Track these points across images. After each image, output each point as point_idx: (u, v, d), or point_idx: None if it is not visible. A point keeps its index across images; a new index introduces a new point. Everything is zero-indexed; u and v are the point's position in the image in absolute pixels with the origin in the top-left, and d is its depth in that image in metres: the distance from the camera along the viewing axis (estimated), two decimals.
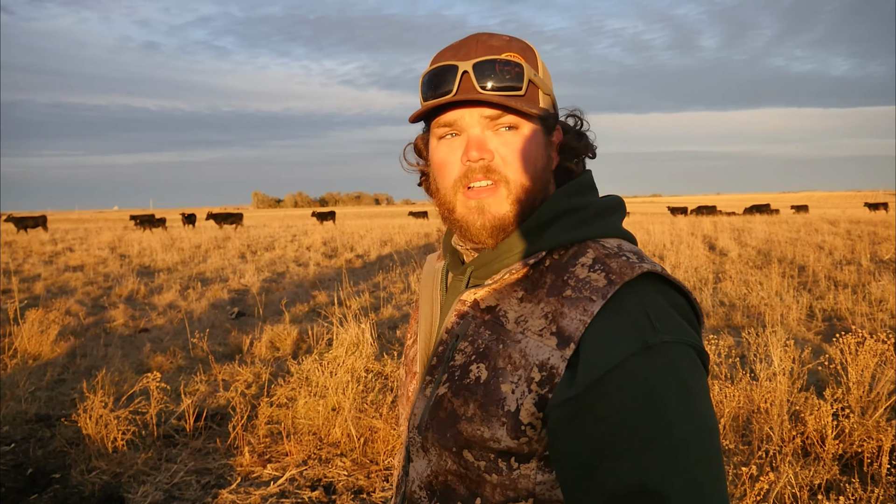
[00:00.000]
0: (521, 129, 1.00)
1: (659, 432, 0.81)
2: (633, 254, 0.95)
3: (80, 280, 13.41)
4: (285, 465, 4.31)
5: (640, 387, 0.83)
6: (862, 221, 27.07)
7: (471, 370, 0.97)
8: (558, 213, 1.00)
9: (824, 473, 3.76)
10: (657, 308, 0.89)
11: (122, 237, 27.49)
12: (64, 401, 5.56)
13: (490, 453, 0.94)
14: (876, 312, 8.11)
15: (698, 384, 0.87)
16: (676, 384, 0.84)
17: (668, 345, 0.86)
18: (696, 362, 0.88)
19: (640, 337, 0.86)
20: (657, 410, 0.82)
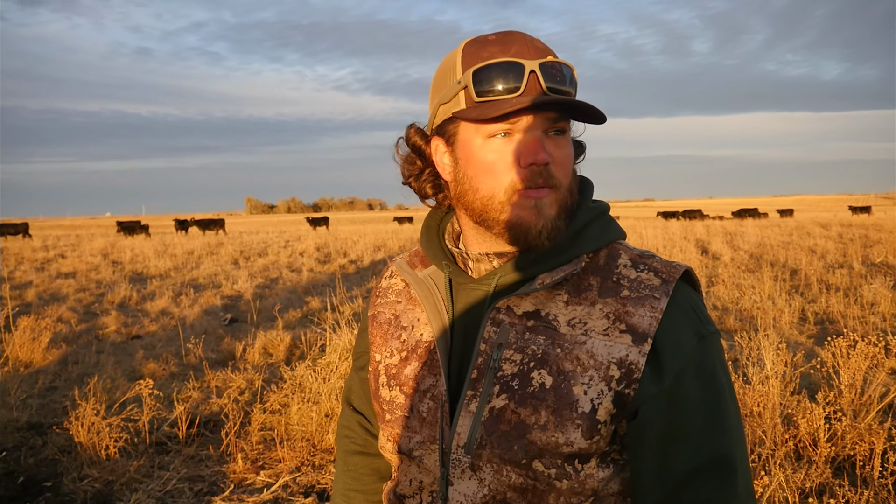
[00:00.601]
0: (567, 133, 1.02)
1: (722, 411, 0.95)
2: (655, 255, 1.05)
3: (72, 287, 13.36)
4: (279, 471, 4.30)
5: (703, 373, 0.95)
6: (854, 225, 27.20)
7: (532, 377, 0.96)
8: (591, 217, 1.03)
9: (816, 476, 3.77)
10: (696, 302, 1.00)
11: (114, 244, 27.40)
12: (56, 408, 5.54)
13: (559, 458, 0.94)
14: (868, 316, 8.14)
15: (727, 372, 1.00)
16: (724, 368, 0.98)
17: (713, 335, 0.98)
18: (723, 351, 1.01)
19: (695, 329, 0.96)
20: (719, 393, 0.95)
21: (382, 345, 1.17)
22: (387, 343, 1.17)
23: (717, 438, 0.94)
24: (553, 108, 0.97)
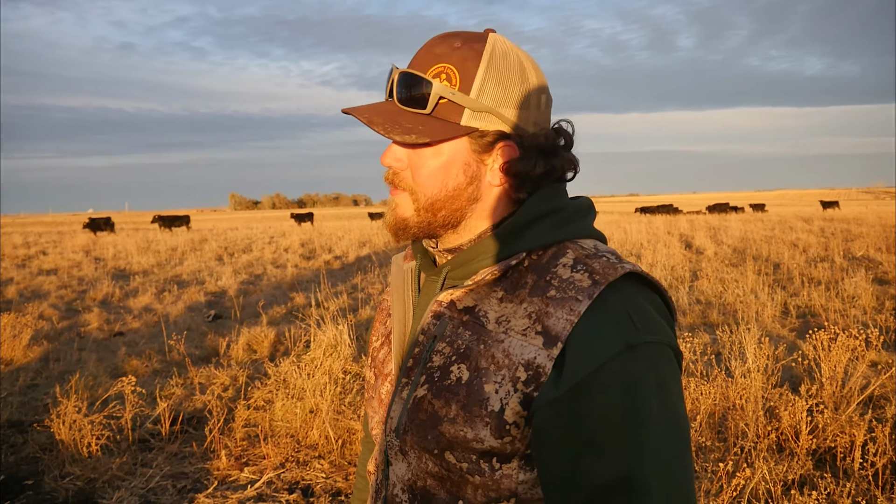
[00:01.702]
0: (436, 145, 1.01)
1: (640, 429, 0.85)
2: (612, 254, 0.96)
3: (54, 284, 13.24)
4: (263, 468, 4.28)
5: (622, 386, 0.86)
6: (836, 219, 27.43)
7: (451, 371, 0.97)
8: (536, 216, 1.00)
9: (798, 469, 3.80)
10: (638, 308, 0.91)
11: (96, 240, 27.17)
12: (37, 406, 5.49)
13: (472, 454, 0.94)
14: (849, 309, 8.21)
15: (675, 383, 0.90)
16: (656, 383, 0.87)
17: (649, 345, 0.88)
18: (674, 362, 0.92)
19: (623, 337, 0.87)
20: (638, 409, 0.85)
21: (375, 331, 1.24)
22: (377, 329, 1.23)
23: (629, 460, 0.84)
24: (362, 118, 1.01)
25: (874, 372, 5.51)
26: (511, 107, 1.00)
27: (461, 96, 0.97)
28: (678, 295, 9.44)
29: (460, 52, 0.99)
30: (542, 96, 1.02)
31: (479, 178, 1.02)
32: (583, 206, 1.04)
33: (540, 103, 1.02)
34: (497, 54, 0.99)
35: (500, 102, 0.99)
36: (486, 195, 1.03)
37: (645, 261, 13.09)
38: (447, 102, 0.98)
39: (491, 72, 0.98)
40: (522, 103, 1.00)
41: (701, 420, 4.32)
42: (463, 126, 0.99)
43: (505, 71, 0.99)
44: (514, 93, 1.00)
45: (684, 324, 8.00)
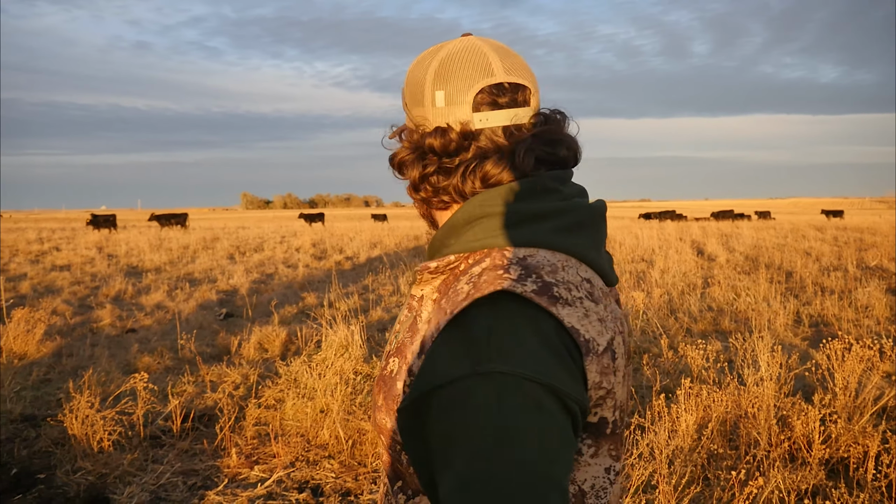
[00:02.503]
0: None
1: (459, 462, 0.78)
2: (524, 268, 0.90)
3: (67, 280, 13.33)
4: (273, 466, 4.29)
5: (457, 412, 0.80)
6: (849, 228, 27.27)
7: (389, 362, 0.99)
8: (472, 217, 0.97)
9: (811, 478, 3.78)
10: (505, 333, 0.83)
11: (109, 237, 27.33)
12: (49, 401, 5.52)
13: (397, 444, 0.95)
14: (862, 318, 8.16)
15: (522, 423, 0.78)
16: (490, 419, 0.78)
17: (500, 375, 0.79)
18: (532, 399, 0.79)
19: (472, 361, 0.81)
20: (463, 441, 0.79)
21: None
22: None
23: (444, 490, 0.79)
24: None
25: (888, 383, 5.47)
26: (414, 105, 1.06)
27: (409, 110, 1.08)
28: (690, 301, 9.40)
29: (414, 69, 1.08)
30: (436, 94, 1.02)
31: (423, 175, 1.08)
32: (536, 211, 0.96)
33: (434, 100, 1.02)
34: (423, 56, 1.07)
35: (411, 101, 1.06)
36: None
37: (657, 267, 13.05)
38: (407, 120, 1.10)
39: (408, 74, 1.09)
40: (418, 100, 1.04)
41: (713, 428, 4.30)
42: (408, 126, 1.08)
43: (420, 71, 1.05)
44: (416, 92, 1.05)
45: (696, 331, 7.96)
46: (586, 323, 0.88)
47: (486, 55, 1.02)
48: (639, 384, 5.73)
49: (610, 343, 0.90)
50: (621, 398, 0.94)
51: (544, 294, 0.86)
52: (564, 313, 0.86)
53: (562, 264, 0.92)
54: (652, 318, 8.18)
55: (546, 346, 0.84)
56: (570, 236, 0.95)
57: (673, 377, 5.80)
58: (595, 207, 1.01)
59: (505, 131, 1.00)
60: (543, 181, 0.98)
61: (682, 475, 3.76)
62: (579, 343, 0.86)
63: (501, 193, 0.97)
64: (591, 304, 0.91)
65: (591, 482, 0.93)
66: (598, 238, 1.01)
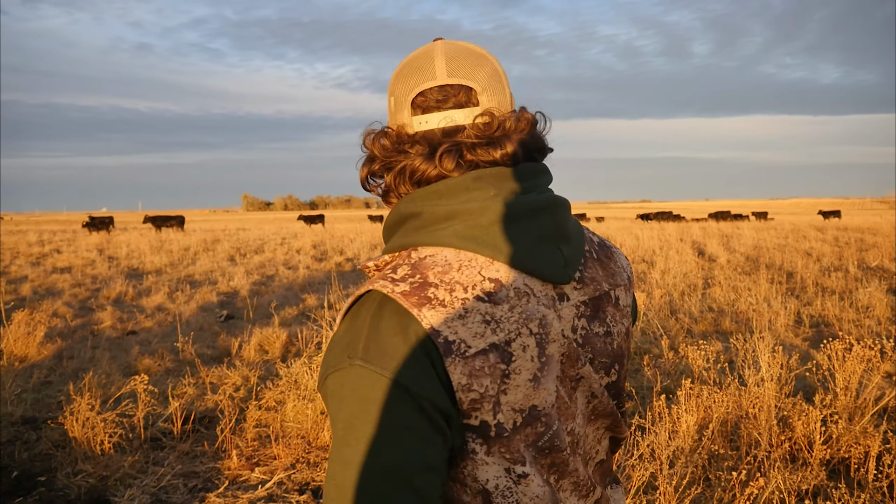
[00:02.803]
0: None
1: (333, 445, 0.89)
2: (413, 268, 0.95)
3: (68, 282, 13.33)
4: (273, 468, 4.29)
5: (334, 401, 0.89)
6: (849, 228, 27.26)
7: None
8: (398, 219, 1.03)
9: (812, 479, 3.78)
10: (370, 328, 0.90)
11: (109, 239, 27.34)
12: (50, 403, 5.52)
13: None
14: (863, 319, 8.15)
15: (368, 416, 0.86)
16: (347, 410, 0.87)
17: (357, 368, 0.88)
18: (379, 393, 0.86)
19: (347, 355, 0.89)
20: (335, 427, 0.88)
21: None
22: None
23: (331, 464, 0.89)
24: None
25: (889, 383, 5.47)
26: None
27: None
28: (691, 302, 9.39)
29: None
30: (390, 99, 1.08)
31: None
32: (445, 212, 0.98)
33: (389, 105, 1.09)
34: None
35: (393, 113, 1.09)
36: None
37: (657, 267, 13.04)
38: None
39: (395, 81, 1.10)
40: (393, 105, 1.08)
41: (713, 428, 4.29)
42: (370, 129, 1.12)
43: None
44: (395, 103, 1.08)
45: (697, 331, 7.96)
46: (456, 325, 0.89)
47: (433, 60, 1.04)
48: (639, 385, 5.73)
49: (498, 345, 0.91)
50: (522, 401, 0.94)
51: (415, 295, 0.91)
52: (428, 315, 0.89)
53: (460, 264, 0.94)
54: (653, 318, 8.17)
55: (404, 344, 0.88)
56: (483, 235, 0.96)
57: (674, 378, 5.79)
58: (531, 203, 0.99)
59: (444, 132, 1.02)
60: (465, 181, 0.98)
61: (682, 476, 3.76)
62: (438, 345, 0.88)
63: (421, 195, 1.00)
64: (481, 305, 0.92)
65: (493, 482, 0.94)
66: (534, 234, 0.98)
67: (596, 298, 1.07)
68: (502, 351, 0.91)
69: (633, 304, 1.20)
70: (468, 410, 0.90)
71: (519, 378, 0.92)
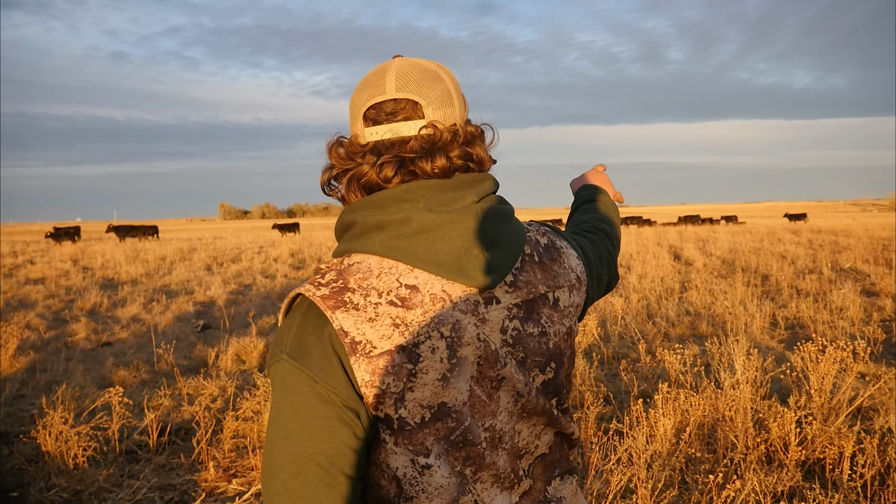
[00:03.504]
0: None
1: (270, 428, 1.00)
2: (338, 273, 1.04)
3: (41, 293, 13.16)
4: (251, 479, 4.25)
5: (271, 387, 1.02)
6: (823, 231, 27.61)
7: None
8: (341, 227, 1.12)
9: (787, 480, 3.81)
10: (294, 326, 1.02)
11: (84, 249, 27.03)
12: (23, 417, 5.44)
13: None
14: (837, 320, 8.26)
15: (286, 404, 0.99)
16: (275, 397, 1.00)
17: (283, 361, 1.00)
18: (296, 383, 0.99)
19: (280, 349, 1.01)
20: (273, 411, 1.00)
21: None
22: None
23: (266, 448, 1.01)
24: None
25: (862, 383, 5.54)
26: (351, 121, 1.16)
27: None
28: (668, 306, 9.46)
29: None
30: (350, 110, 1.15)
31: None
32: (373, 223, 1.05)
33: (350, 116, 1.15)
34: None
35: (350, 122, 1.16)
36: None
37: (635, 272, 13.12)
38: None
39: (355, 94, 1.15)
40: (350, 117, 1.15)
41: (690, 431, 4.32)
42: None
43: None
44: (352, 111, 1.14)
45: (674, 335, 8.02)
46: (365, 327, 0.99)
47: (385, 76, 1.11)
48: (617, 389, 5.75)
49: (405, 347, 0.99)
50: (430, 398, 1.01)
51: (332, 299, 1.00)
52: (341, 317, 0.99)
53: (380, 271, 1.03)
54: (630, 323, 8.22)
55: (318, 343, 0.99)
56: (404, 244, 1.03)
57: (651, 382, 5.83)
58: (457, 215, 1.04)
59: (391, 143, 1.09)
60: (397, 193, 1.06)
61: (660, 479, 3.78)
62: (344, 344, 0.98)
63: (359, 206, 1.08)
64: (392, 310, 1.00)
65: (402, 470, 1.03)
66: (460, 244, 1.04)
67: (530, 301, 1.12)
68: (410, 352, 0.99)
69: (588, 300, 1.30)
70: (374, 404, 0.99)
71: (426, 377, 1.00)
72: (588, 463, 4.03)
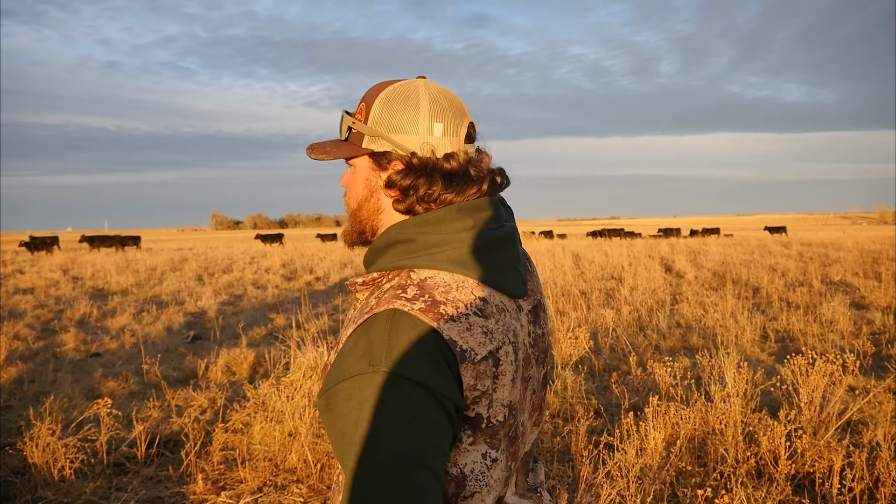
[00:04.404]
0: (353, 165, 1.27)
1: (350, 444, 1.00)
2: (420, 289, 1.09)
3: (31, 303, 13.07)
4: (240, 492, 4.22)
5: (353, 402, 1.00)
6: (813, 244, 27.74)
7: (330, 357, 1.15)
8: (390, 242, 1.17)
9: (777, 494, 3.81)
10: (392, 340, 1.03)
11: (74, 259, 26.89)
12: (10, 428, 5.39)
13: None
14: (827, 333, 8.28)
15: (397, 413, 0.99)
16: (371, 407, 0.99)
17: (382, 374, 1.00)
18: (406, 393, 1.00)
19: (367, 362, 1.02)
20: (355, 426, 0.99)
21: None
22: None
23: (347, 463, 1.00)
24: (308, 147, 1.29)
25: (852, 397, 5.55)
26: (400, 132, 1.18)
27: (360, 125, 1.21)
28: (658, 318, 9.48)
29: (373, 91, 1.23)
30: (434, 125, 1.18)
31: (377, 191, 1.23)
32: (436, 241, 1.13)
33: (432, 130, 1.18)
34: (396, 91, 1.20)
35: (389, 128, 1.19)
36: (386, 206, 1.23)
37: (626, 284, 13.15)
38: (355, 131, 1.23)
39: (384, 105, 1.19)
40: (410, 129, 1.18)
41: (681, 445, 4.32)
42: (363, 147, 1.21)
43: (397, 104, 1.19)
44: (402, 121, 1.18)
45: (665, 347, 8.02)
46: (467, 336, 1.06)
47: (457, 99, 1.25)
48: (608, 402, 5.75)
49: (493, 352, 1.09)
50: (507, 398, 1.12)
51: (430, 312, 1.05)
52: (445, 328, 1.05)
53: (457, 285, 1.11)
54: (621, 335, 8.23)
55: (426, 353, 1.02)
56: (470, 261, 1.13)
57: (642, 395, 5.83)
58: (498, 234, 1.18)
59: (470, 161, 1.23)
60: (450, 213, 1.16)
61: (650, 493, 3.77)
62: (455, 352, 1.04)
63: (413, 223, 1.17)
64: (479, 320, 1.09)
65: (470, 466, 1.10)
66: (500, 260, 1.17)
67: (535, 306, 1.27)
68: (494, 357, 1.09)
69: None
70: (469, 405, 1.07)
71: (504, 379, 1.10)
72: (578, 476, 4.03)
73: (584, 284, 13.77)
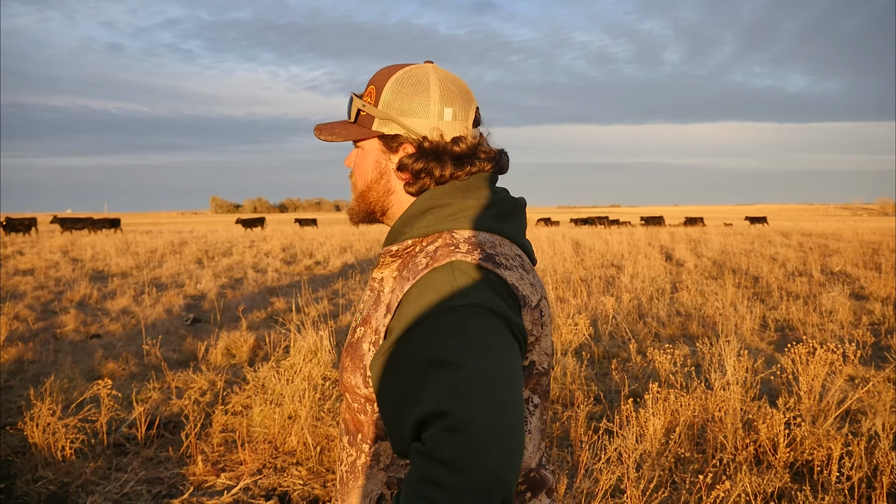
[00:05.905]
0: (362, 147, 1.30)
1: (440, 370, 1.01)
2: (469, 244, 1.14)
3: (31, 284, 13.07)
4: (239, 474, 4.24)
5: (433, 337, 1.03)
6: (814, 234, 27.74)
7: (356, 331, 1.22)
8: (424, 209, 1.21)
9: (776, 481, 3.82)
10: (462, 280, 1.07)
11: (74, 241, 26.89)
12: (10, 408, 5.40)
13: (360, 398, 1.19)
14: (826, 323, 8.29)
15: (486, 335, 1.04)
16: (460, 333, 1.02)
17: (463, 307, 1.04)
18: (492, 320, 1.05)
19: (440, 302, 1.05)
20: (442, 354, 1.01)
21: None
22: None
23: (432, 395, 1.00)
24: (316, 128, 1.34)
25: (851, 386, 5.56)
26: (411, 116, 1.22)
27: (370, 108, 1.25)
28: (658, 306, 9.48)
29: (383, 75, 1.26)
30: (445, 110, 1.23)
31: (388, 173, 1.27)
32: (469, 204, 1.20)
33: (442, 115, 1.23)
34: (407, 76, 1.24)
35: (400, 112, 1.23)
36: (397, 188, 1.27)
37: (626, 272, 13.14)
38: (365, 114, 1.27)
39: (395, 90, 1.24)
40: (421, 113, 1.22)
41: (680, 431, 4.33)
42: (373, 130, 1.25)
43: (408, 88, 1.23)
44: (413, 105, 1.22)
45: (664, 335, 8.03)
46: (523, 283, 1.14)
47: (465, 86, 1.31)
48: (608, 389, 5.76)
49: (539, 302, 1.17)
50: (546, 346, 1.20)
51: (489, 261, 1.12)
52: (507, 274, 1.12)
53: (498, 242, 1.18)
54: (621, 322, 8.23)
55: (498, 293, 1.08)
56: (502, 222, 1.21)
57: (641, 382, 5.84)
58: (517, 201, 1.27)
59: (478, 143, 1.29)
60: (476, 182, 1.24)
61: (649, 479, 3.78)
62: (518, 297, 1.12)
63: (446, 190, 1.22)
64: (525, 273, 1.17)
65: None
66: (521, 225, 1.27)
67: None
68: (539, 307, 1.17)
69: None
70: (528, 349, 1.15)
71: (546, 329, 1.19)
72: (578, 462, 4.04)
73: (584, 272, 13.77)
